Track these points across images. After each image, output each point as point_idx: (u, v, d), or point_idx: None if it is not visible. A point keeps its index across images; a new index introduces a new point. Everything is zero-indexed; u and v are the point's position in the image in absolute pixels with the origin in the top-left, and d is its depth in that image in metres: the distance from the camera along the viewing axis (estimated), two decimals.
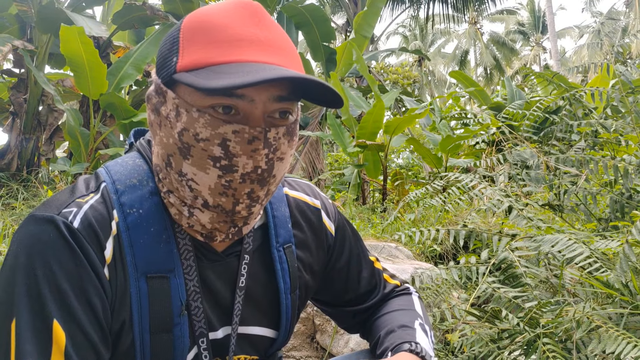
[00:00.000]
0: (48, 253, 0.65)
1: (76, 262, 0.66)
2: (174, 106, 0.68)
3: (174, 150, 0.69)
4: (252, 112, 0.67)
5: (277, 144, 0.68)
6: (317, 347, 2.12)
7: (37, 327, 0.63)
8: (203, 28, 0.68)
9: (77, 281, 0.66)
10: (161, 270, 0.72)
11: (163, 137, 0.70)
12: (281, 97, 0.68)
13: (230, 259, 0.79)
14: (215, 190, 0.68)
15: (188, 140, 0.67)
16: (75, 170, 5.13)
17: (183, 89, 0.68)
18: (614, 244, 1.38)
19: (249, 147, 0.66)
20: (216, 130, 0.65)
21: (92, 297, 0.66)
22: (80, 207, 0.70)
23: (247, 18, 0.68)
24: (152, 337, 0.71)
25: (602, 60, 6.07)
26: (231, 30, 0.67)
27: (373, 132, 5.82)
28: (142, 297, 0.70)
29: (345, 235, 0.96)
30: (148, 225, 0.72)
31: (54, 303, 0.64)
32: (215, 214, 0.71)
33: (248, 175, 0.67)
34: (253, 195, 0.69)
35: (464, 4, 14.71)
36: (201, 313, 0.75)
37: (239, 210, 0.70)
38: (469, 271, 1.64)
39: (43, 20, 5.56)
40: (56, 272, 0.65)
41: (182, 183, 0.70)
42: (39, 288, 0.64)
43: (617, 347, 1.08)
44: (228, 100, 0.66)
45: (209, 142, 0.66)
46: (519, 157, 2.20)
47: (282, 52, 0.68)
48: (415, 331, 0.86)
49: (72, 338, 0.64)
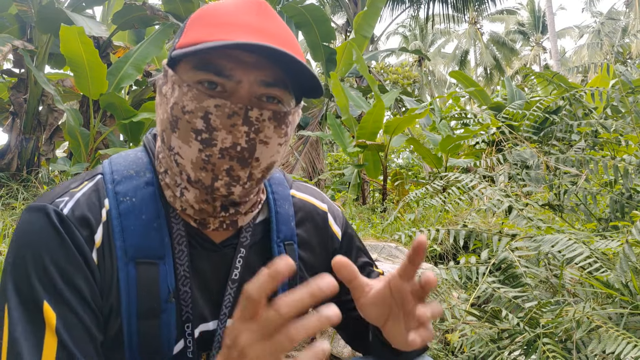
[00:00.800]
0: (37, 240, 0.68)
1: (63, 247, 0.68)
2: (172, 83, 0.72)
3: (166, 124, 0.72)
4: (237, 91, 0.70)
5: (259, 125, 0.69)
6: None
7: (27, 310, 0.65)
8: (205, 15, 0.73)
9: (64, 265, 0.67)
10: (150, 256, 0.73)
11: (161, 114, 0.74)
12: (267, 83, 0.70)
13: (227, 250, 0.80)
14: (197, 165, 0.70)
15: (177, 113, 0.70)
16: (75, 170, 5.13)
17: (181, 67, 0.72)
18: (614, 244, 1.38)
19: (229, 121, 0.68)
20: (200, 103, 0.68)
21: (79, 280, 0.68)
22: (72, 196, 0.73)
23: (250, 9, 0.72)
24: (139, 322, 0.72)
25: (602, 60, 6.07)
26: (230, 16, 0.71)
27: (373, 132, 5.82)
28: (130, 282, 0.71)
29: (352, 244, 0.95)
30: (140, 213, 0.74)
31: (42, 285, 0.66)
32: (198, 191, 0.73)
33: (227, 151, 0.69)
34: (233, 174, 0.71)
35: (464, 4, 14.71)
36: (189, 298, 0.76)
37: (217, 187, 0.71)
38: (469, 271, 1.64)
39: (43, 20, 5.56)
40: (45, 257, 0.67)
41: (171, 158, 0.73)
42: (28, 273, 0.66)
43: (617, 347, 1.08)
44: (216, 78, 0.69)
45: (193, 115, 0.69)
46: (519, 157, 2.20)
47: (279, 41, 0.70)
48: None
49: (62, 319, 0.65)
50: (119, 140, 6.45)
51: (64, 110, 5.59)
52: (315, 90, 0.75)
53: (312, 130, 7.59)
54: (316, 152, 7.47)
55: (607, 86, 4.59)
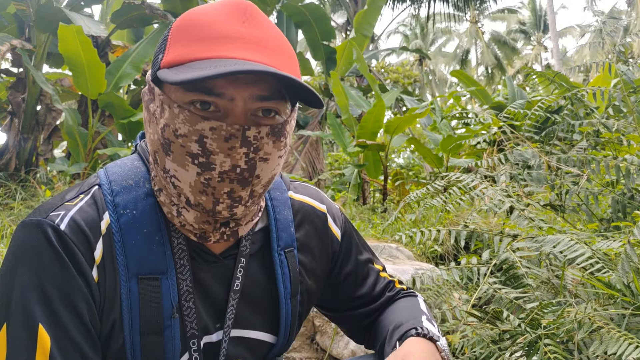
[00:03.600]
0: (34, 258, 0.65)
1: (62, 266, 0.66)
2: (160, 102, 0.68)
3: (158, 146, 0.69)
4: (232, 110, 0.66)
5: (258, 144, 0.67)
6: (317, 348, 2.11)
7: (22, 331, 0.63)
8: (189, 26, 0.68)
9: (62, 286, 0.65)
10: (153, 272, 0.71)
11: (151, 133, 0.71)
12: (262, 97, 0.67)
13: (228, 261, 0.78)
14: (196, 188, 0.68)
15: (169, 136, 0.67)
16: (73, 170, 5.13)
17: (168, 86, 0.68)
18: (616, 244, 1.37)
19: (226, 144, 0.65)
20: (194, 126, 0.65)
21: (77, 301, 0.66)
22: (68, 210, 0.70)
23: (235, 16, 0.68)
24: (142, 338, 0.70)
25: (604, 60, 6.14)
26: (216, 28, 0.67)
27: (373, 131, 5.81)
28: (132, 299, 0.70)
29: (351, 242, 0.94)
30: (141, 227, 0.71)
31: (39, 308, 0.64)
32: (198, 213, 0.71)
33: (226, 174, 0.66)
34: (234, 196, 0.68)
35: (465, 3, 14.71)
36: (193, 314, 0.74)
37: (219, 210, 0.69)
38: (470, 272, 1.63)
39: (41, 19, 5.55)
40: (41, 277, 0.65)
41: (167, 180, 0.70)
42: (25, 293, 0.64)
43: (618, 348, 1.07)
44: (207, 97, 0.65)
45: (187, 139, 0.66)
46: (521, 157, 2.18)
47: (268, 50, 0.67)
48: (421, 321, 0.85)
49: (57, 341, 0.63)
50: (117, 140, 6.44)
51: (63, 110, 5.59)
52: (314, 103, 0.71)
53: (312, 129, 7.58)
54: (316, 152, 7.47)
55: (609, 85, 4.58)
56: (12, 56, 5.95)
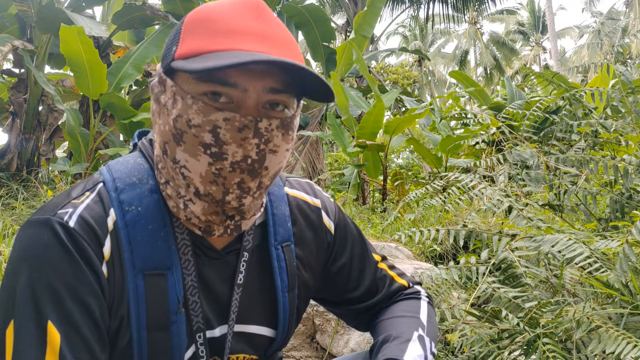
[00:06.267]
0: (43, 255, 0.65)
1: (72, 263, 0.66)
2: (172, 94, 0.69)
3: (169, 137, 0.70)
4: (245, 101, 0.67)
5: (269, 135, 0.68)
6: (317, 347, 2.12)
7: (31, 329, 0.63)
8: (203, 20, 0.69)
9: (72, 282, 0.66)
10: (158, 268, 0.72)
11: (161, 124, 0.72)
12: (274, 89, 0.68)
13: (230, 256, 0.80)
14: (206, 178, 0.69)
15: (181, 126, 0.68)
16: (75, 170, 5.13)
17: (181, 77, 0.69)
18: (614, 244, 1.38)
19: (239, 135, 0.66)
20: (208, 117, 0.66)
21: (87, 297, 0.66)
22: (76, 207, 0.70)
23: (247, 12, 0.69)
24: (149, 334, 0.71)
25: (602, 60, 6.07)
26: (230, 22, 0.68)
27: (373, 132, 5.82)
28: (139, 295, 0.71)
29: (346, 234, 0.95)
30: (146, 223, 0.72)
31: (49, 304, 0.64)
32: (207, 203, 0.72)
33: (238, 164, 0.68)
34: (243, 186, 0.69)
35: (463, 4, 14.69)
36: (198, 308, 0.75)
37: (229, 200, 0.70)
38: (469, 271, 1.64)
39: (43, 20, 5.56)
40: (51, 273, 0.65)
41: (176, 170, 0.71)
42: (34, 290, 0.64)
43: (617, 347, 1.08)
44: (220, 88, 0.67)
45: (200, 129, 0.67)
46: (519, 157, 2.19)
47: (280, 45, 0.69)
48: (407, 345, 0.83)
49: (67, 338, 0.64)
50: (118, 140, 6.45)
51: (64, 110, 5.60)
52: (325, 96, 0.73)
53: (312, 130, 7.59)
54: (316, 152, 7.47)
55: (607, 86, 4.59)
56: (14, 57, 5.95)
